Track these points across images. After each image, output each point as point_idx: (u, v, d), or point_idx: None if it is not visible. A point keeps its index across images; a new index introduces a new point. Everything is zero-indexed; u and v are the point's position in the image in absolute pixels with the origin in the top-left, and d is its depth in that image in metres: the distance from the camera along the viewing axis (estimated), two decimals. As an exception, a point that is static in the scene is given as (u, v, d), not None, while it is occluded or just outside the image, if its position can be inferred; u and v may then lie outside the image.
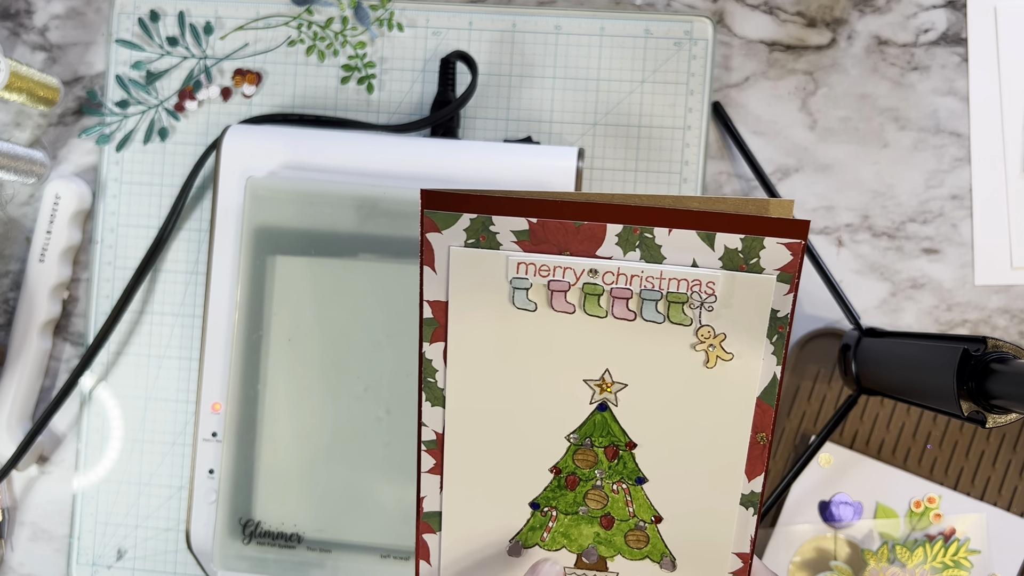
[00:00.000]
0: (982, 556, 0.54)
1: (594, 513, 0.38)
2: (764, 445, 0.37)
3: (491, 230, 0.35)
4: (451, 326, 0.36)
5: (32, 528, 0.59)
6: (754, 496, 0.37)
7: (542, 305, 0.36)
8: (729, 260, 0.35)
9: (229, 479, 0.51)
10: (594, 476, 0.38)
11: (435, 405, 0.37)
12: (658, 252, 0.35)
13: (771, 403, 0.36)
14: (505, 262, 0.35)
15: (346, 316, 0.50)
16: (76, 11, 0.58)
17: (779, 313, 0.35)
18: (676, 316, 0.35)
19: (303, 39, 0.57)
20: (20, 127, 0.59)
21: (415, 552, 0.39)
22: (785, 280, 0.35)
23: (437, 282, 0.36)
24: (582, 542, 0.38)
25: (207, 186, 0.57)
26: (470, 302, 0.36)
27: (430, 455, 0.38)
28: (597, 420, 0.37)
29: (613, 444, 0.37)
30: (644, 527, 0.38)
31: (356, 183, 0.51)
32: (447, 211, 0.35)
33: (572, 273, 0.35)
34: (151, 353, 0.57)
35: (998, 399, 0.40)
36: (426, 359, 0.37)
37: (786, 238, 0.34)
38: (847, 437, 0.55)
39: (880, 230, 0.56)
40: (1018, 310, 0.55)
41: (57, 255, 0.56)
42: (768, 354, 0.35)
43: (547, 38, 0.56)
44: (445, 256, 0.35)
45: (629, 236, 0.35)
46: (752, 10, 0.56)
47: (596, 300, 0.35)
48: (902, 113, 0.56)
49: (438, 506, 0.38)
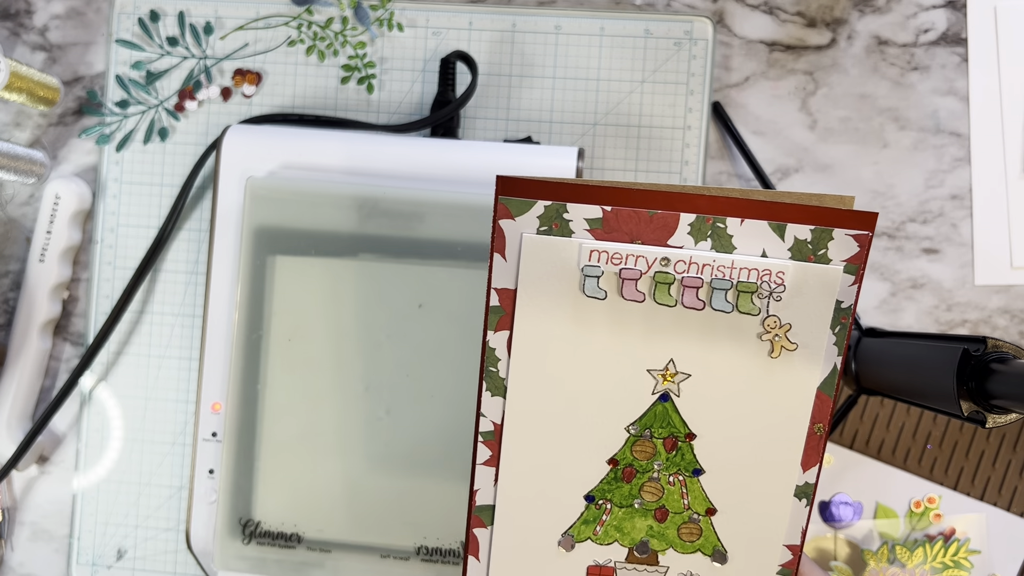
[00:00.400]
0: (982, 556, 0.54)
1: (648, 506, 0.38)
2: (820, 436, 0.37)
3: (565, 218, 0.35)
4: (518, 314, 0.36)
5: (32, 528, 0.59)
6: (808, 487, 0.37)
7: (612, 293, 0.36)
8: (798, 251, 0.35)
9: (229, 479, 0.51)
10: (651, 468, 0.38)
11: (495, 395, 0.37)
12: (729, 242, 0.35)
13: (830, 394, 0.36)
14: (578, 250, 0.35)
15: (346, 316, 0.50)
16: (76, 11, 0.58)
17: (843, 304, 0.36)
18: (744, 305, 0.35)
19: (303, 39, 0.57)
20: (20, 127, 0.59)
21: (464, 548, 0.39)
22: (851, 272, 0.35)
23: (507, 270, 0.36)
24: (635, 535, 0.38)
25: (207, 186, 0.57)
26: (539, 290, 0.36)
27: (486, 447, 0.38)
28: (658, 411, 0.37)
29: (672, 435, 0.37)
30: (698, 520, 0.38)
31: (356, 183, 0.51)
32: (522, 198, 0.35)
33: (644, 261, 0.35)
34: (151, 353, 0.57)
35: (998, 399, 0.40)
36: (489, 348, 0.37)
37: (855, 229, 0.35)
38: (847, 437, 0.55)
39: (880, 230, 0.56)
40: (1018, 310, 0.55)
41: (57, 255, 0.56)
42: (830, 344, 0.36)
43: (547, 38, 0.56)
44: (517, 243, 0.36)
45: (702, 226, 0.35)
46: (752, 10, 0.56)
47: (667, 289, 0.35)
48: (902, 113, 0.56)
49: (491, 499, 0.38)
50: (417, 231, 0.50)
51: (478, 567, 0.39)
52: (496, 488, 0.38)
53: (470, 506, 0.38)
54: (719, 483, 0.38)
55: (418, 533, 0.50)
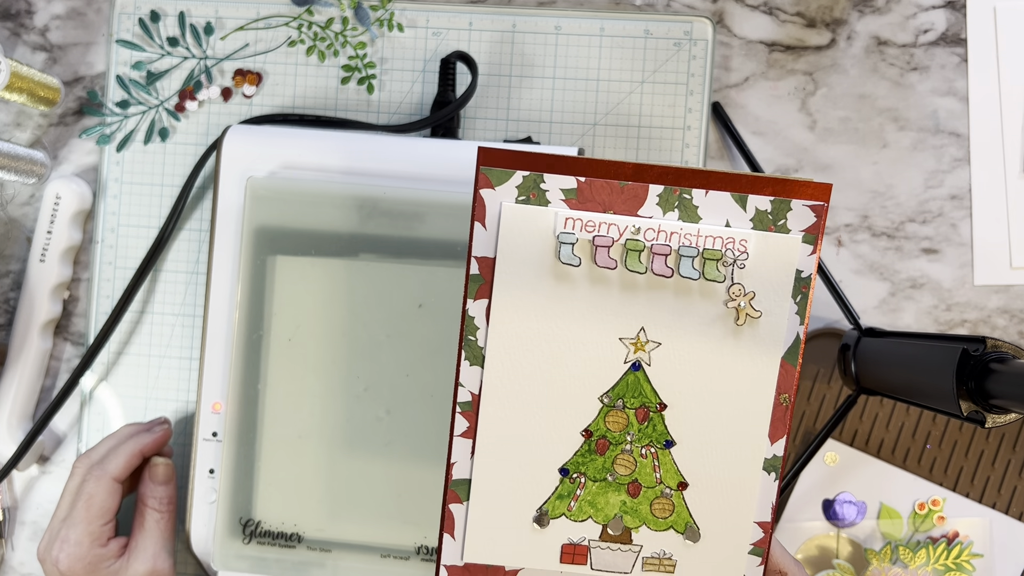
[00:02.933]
0: (985, 560, 0.54)
1: (621, 480, 0.39)
2: (787, 407, 0.38)
3: (542, 188, 0.37)
4: (497, 282, 0.38)
5: (33, 528, 0.59)
6: (776, 460, 0.39)
7: (586, 260, 0.37)
8: (760, 221, 0.37)
9: (229, 479, 0.51)
10: (624, 439, 0.39)
11: (473, 364, 0.38)
12: (695, 212, 0.37)
13: (794, 363, 0.38)
14: (554, 218, 0.37)
15: (346, 316, 0.50)
16: (76, 11, 0.58)
17: (803, 273, 0.38)
18: (711, 273, 0.37)
19: (303, 39, 0.57)
20: (21, 127, 0.59)
21: (440, 525, 0.39)
22: (809, 241, 0.37)
23: (486, 238, 0.37)
24: (608, 511, 0.39)
25: (207, 186, 0.57)
26: (517, 257, 0.37)
27: (464, 417, 0.39)
28: (630, 380, 0.38)
29: (644, 405, 0.38)
30: (670, 494, 0.39)
31: (356, 183, 0.51)
32: (502, 168, 0.37)
33: (616, 229, 0.37)
34: (151, 353, 0.57)
35: (997, 399, 0.40)
36: (468, 316, 0.38)
37: (811, 200, 0.37)
38: (847, 437, 0.55)
39: (879, 230, 0.56)
40: (1017, 310, 0.55)
41: (58, 255, 0.56)
42: (792, 314, 0.38)
43: (547, 38, 0.56)
44: (496, 212, 0.37)
45: (669, 197, 0.37)
46: (752, 10, 0.56)
47: (637, 256, 0.37)
48: (901, 113, 0.56)
49: (468, 473, 0.39)
50: (417, 231, 0.50)
51: (453, 545, 0.39)
52: (472, 461, 0.39)
53: (447, 480, 0.39)
54: (690, 455, 0.39)
55: (418, 533, 0.50)
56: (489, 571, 0.39)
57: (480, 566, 0.39)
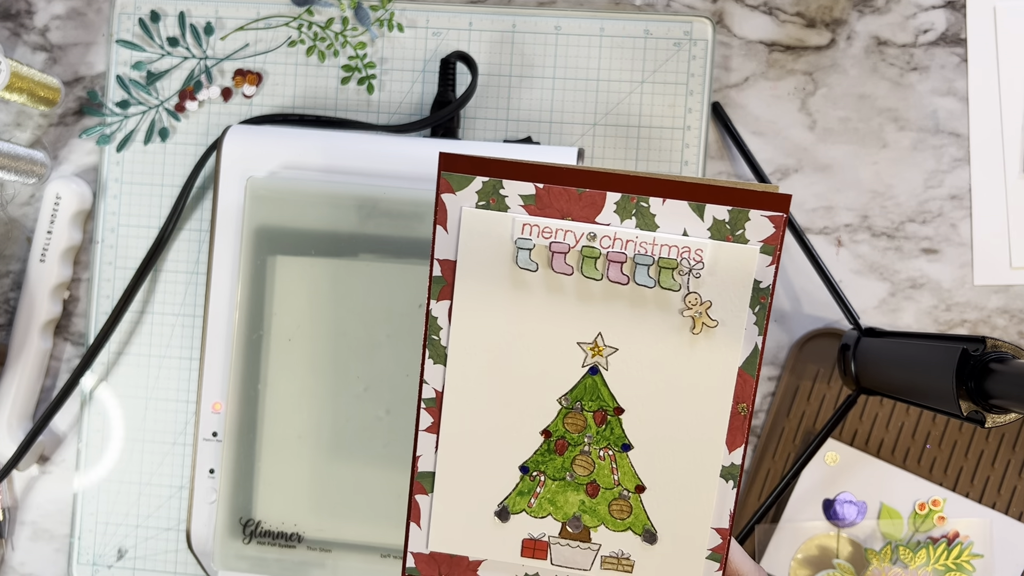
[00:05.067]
0: (985, 561, 0.54)
1: (580, 480, 0.39)
2: (744, 416, 0.38)
3: (501, 193, 0.38)
4: (458, 284, 0.38)
5: (33, 528, 0.59)
6: (734, 468, 0.39)
7: (543, 266, 0.38)
8: (717, 231, 0.37)
9: (229, 479, 0.51)
10: (582, 441, 0.39)
11: (437, 362, 0.39)
12: (652, 220, 0.37)
13: (752, 373, 0.38)
14: (512, 223, 0.38)
15: (346, 316, 0.50)
16: (77, 11, 0.58)
17: (761, 284, 0.37)
18: (666, 281, 0.37)
19: (303, 39, 0.57)
20: (21, 127, 0.59)
21: (407, 514, 0.40)
22: (768, 252, 0.37)
23: (448, 241, 0.38)
24: (567, 510, 0.39)
25: (207, 186, 0.57)
26: (477, 261, 0.38)
27: (428, 413, 0.40)
28: (588, 383, 0.39)
29: (602, 408, 0.39)
30: (628, 496, 0.39)
31: (356, 183, 0.51)
32: (462, 173, 0.37)
33: (572, 236, 0.37)
34: (152, 353, 0.57)
35: (997, 399, 0.40)
36: (432, 316, 0.39)
37: (769, 211, 0.37)
38: (847, 437, 0.55)
39: (879, 230, 0.56)
40: (1017, 310, 0.55)
41: (58, 255, 0.56)
42: (750, 324, 0.38)
43: (547, 38, 0.56)
44: (457, 216, 0.38)
45: (626, 204, 0.37)
46: (752, 10, 0.56)
47: (593, 263, 0.37)
48: (901, 113, 0.56)
49: (432, 466, 0.40)
50: (417, 231, 0.50)
51: (419, 534, 0.40)
52: (436, 455, 0.40)
53: (412, 471, 0.40)
54: (647, 459, 0.39)
55: (418, 533, 0.51)
56: (453, 560, 0.40)
57: (445, 555, 0.40)
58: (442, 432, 0.39)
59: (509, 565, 0.40)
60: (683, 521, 0.39)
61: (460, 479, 0.40)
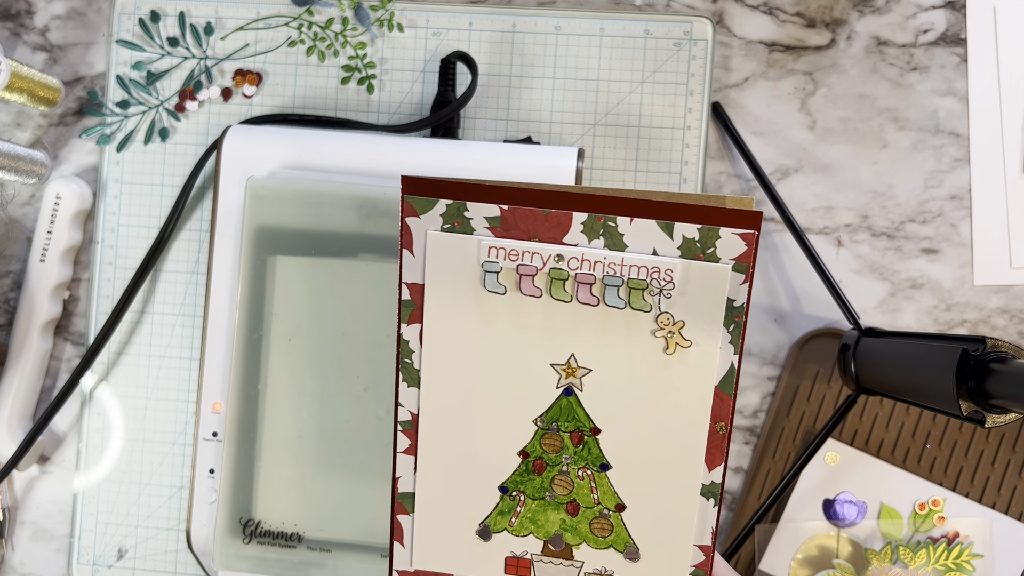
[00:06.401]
0: (985, 561, 0.54)
1: (560, 499, 0.39)
2: (723, 435, 0.38)
3: (465, 216, 0.37)
4: (427, 308, 0.38)
5: (33, 528, 0.59)
6: (714, 487, 0.38)
7: (511, 289, 0.37)
8: (687, 249, 0.36)
9: (229, 479, 0.51)
10: (560, 461, 0.39)
11: (411, 386, 0.39)
12: (620, 240, 0.36)
13: (729, 393, 0.37)
14: (477, 246, 0.37)
15: (346, 316, 0.50)
16: (77, 11, 0.59)
17: (735, 303, 0.36)
18: (636, 302, 0.37)
19: (303, 39, 0.57)
20: (21, 127, 0.59)
21: (390, 534, 0.40)
22: (740, 270, 0.36)
23: (414, 265, 0.38)
24: (549, 528, 0.39)
25: (207, 186, 0.57)
26: (445, 284, 0.37)
27: (405, 435, 0.39)
28: (563, 404, 0.38)
29: (578, 429, 0.38)
30: (608, 515, 0.39)
31: (356, 183, 0.51)
32: (425, 196, 0.37)
33: (539, 258, 0.37)
34: (152, 353, 0.57)
35: (997, 399, 0.40)
36: (403, 340, 0.38)
37: (740, 228, 0.36)
38: (847, 437, 0.55)
39: (879, 230, 0.56)
40: (1017, 310, 0.55)
41: (58, 255, 0.56)
42: (725, 343, 0.37)
43: (547, 38, 0.56)
44: (422, 240, 0.37)
45: (594, 224, 0.36)
46: (752, 10, 0.56)
47: (562, 285, 0.37)
48: (901, 113, 0.56)
49: (412, 487, 0.40)
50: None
51: (403, 552, 0.40)
52: (415, 476, 0.39)
53: (393, 492, 0.40)
54: (626, 478, 0.39)
55: (418, 533, 0.51)
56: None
57: (430, 573, 0.40)
58: (419, 454, 0.39)
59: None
60: (665, 539, 0.39)
61: (440, 499, 0.39)
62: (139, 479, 0.57)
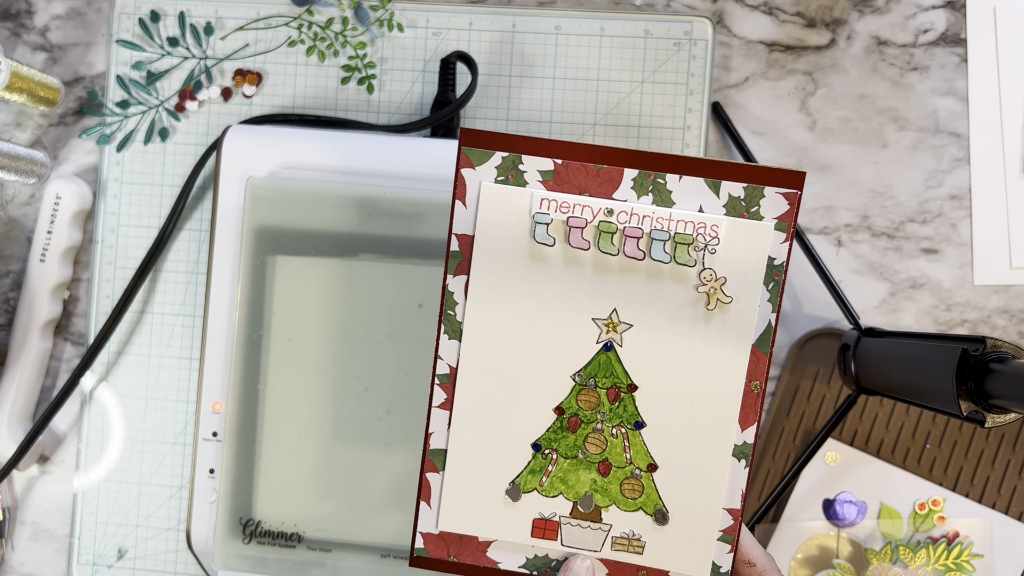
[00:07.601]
0: (985, 560, 0.54)
1: (592, 458, 0.39)
2: (757, 394, 0.38)
3: (520, 169, 0.38)
4: (475, 259, 0.39)
5: (33, 528, 0.59)
6: (746, 447, 0.39)
7: (560, 240, 0.38)
8: (732, 207, 0.38)
9: (229, 479, 0.51)
10: (595, 418, 0.39)
11: (452, 338, 0.39)
12: (668, 197, 0.38)
13: (765, 351, 0.38)
14: (530, 198, 0.38)
15: (346, 316, 0.50)
16: (77, 11, 0.59)
17: (775, 261, 0.38)
18: (681, 256, 0.38)
19: (303, 39, 0.57)
20: (21, 127, 0.59)
21: (417, 493, 0.40)
22: (782, 229, 0.38)
23: (466, 216, 0.38)
24: (579, 489, 0.40)
25: (207, 186, 0.57)
26: (495, 235, 0.38)
27: (442, 389, 0.40)
28: (602, 360, 0.39)
29: (615, 386, 0.39)
30: (640, 475, 0.39)
31: (356, 183, 0.51)
32: (482, 148, 0.38)
33: (590, 211, 0.38)
34: (152, 353, 0.57)
35: (997, 399, 0.40)
36: (448, 291, 0.39)
37: (784, 188, 0.37)
38: (847, 437, 0.55)
39: (879, 230, 0.56)
40: (1017, 310, 0.55)
41: (58, 255, 0.56)
42: (764, 301, 0.38)
43: (547, 38, 0.56)
44: (476, 191, 0.38)
45: (643, 181, 0.38)
46: (752, 10, 0.56)
47: (610, 238, 0.38)
48: (901, 113, 0.56)
49: (444, 443, 0.40)
50: (417, 231, 0.50)
51: (429, 513, 0.40)
52: (449, 432, 0.40)
53: (424, 449, 0.40)
54: (660, 438, 0.39)
55: (418, 533, 0.51)
56: (463, 541, 0.40)
57: (454, 535, 0.40)
58: (455, 408, 0.39)
59: (519, 546, 0.40)
60: (695, 501, 0.39)
61: (472, 456, 0.40)
62: (139, 479, 0.57)
